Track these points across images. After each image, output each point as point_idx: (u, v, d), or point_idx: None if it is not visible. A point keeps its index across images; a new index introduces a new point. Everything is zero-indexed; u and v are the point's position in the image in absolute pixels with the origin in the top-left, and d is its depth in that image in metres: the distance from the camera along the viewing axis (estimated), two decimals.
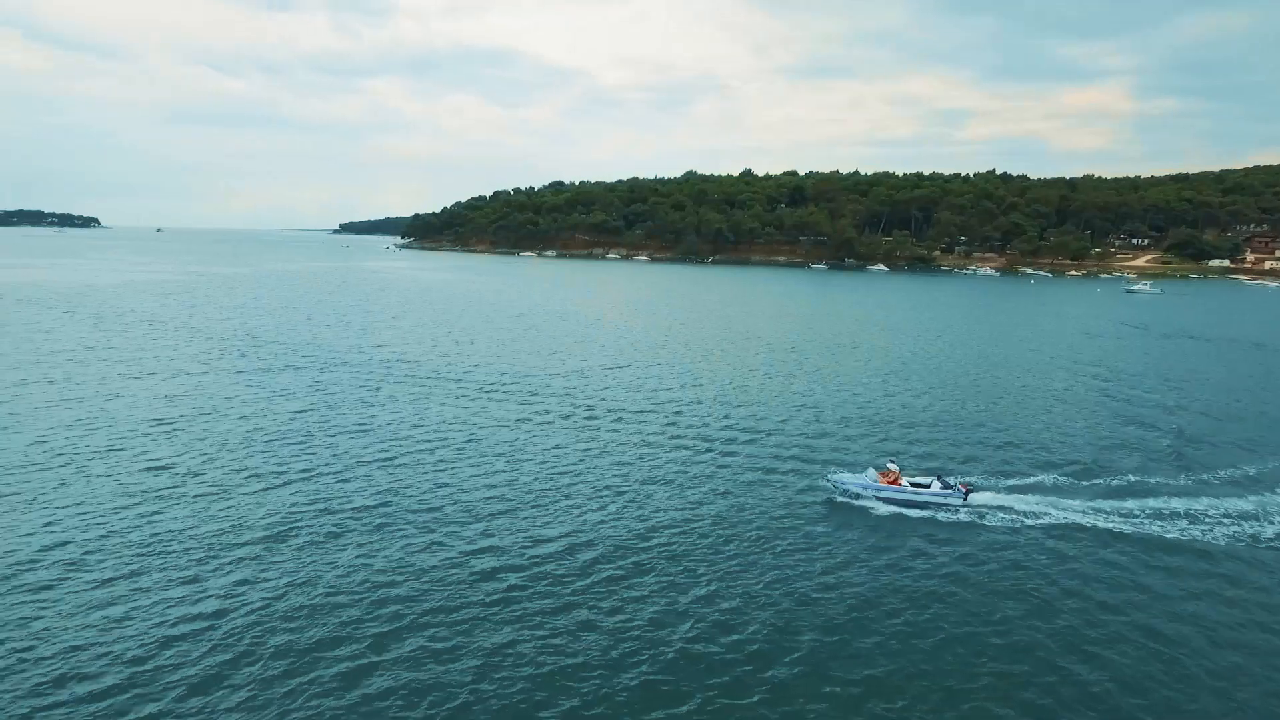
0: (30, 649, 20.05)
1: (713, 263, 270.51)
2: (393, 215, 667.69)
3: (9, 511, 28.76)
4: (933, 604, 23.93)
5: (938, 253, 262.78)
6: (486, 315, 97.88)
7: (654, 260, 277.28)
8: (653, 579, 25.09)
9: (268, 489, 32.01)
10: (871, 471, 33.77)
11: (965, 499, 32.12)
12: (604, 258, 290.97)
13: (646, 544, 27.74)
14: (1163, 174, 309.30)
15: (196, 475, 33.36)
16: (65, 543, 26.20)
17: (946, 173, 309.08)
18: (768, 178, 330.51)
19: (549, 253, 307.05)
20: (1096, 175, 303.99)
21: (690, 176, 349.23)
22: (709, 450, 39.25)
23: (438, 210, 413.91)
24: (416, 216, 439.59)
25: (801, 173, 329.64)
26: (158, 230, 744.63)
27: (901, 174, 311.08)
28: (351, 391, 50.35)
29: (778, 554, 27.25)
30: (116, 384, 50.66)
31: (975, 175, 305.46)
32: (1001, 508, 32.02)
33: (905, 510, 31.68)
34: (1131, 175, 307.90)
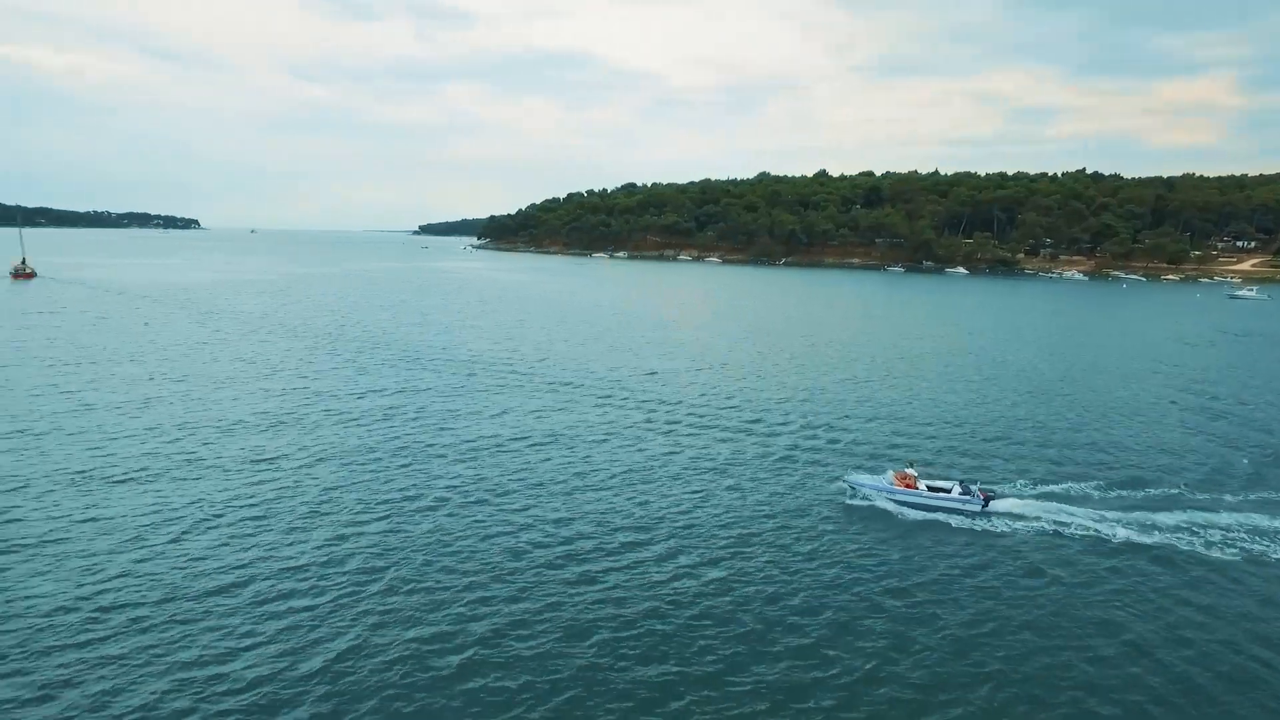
0: (169, 631, 21.77)
1: (785, 265, 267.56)
2: (469, 217, 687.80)
3: (127, 497, 31.08)
4: (1027, 631, 23.44)
5: (1022, 255, 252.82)
6: (563, 316, 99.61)
7: (725, 262, 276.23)
8: (745, 588, 25.24)
9: (370, 482, 33.59)
10: (889, 474, 33.35)
11: (984, 506, 31.42)
12: (675, 259, 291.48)
13: (734, 552, 27.93)
14: (1273, 172, 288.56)
15: (300, 468, 35.27)
16: (184, 533, 28.12)
17: (1032, 172, 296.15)
18: (842, 178, 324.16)
19: (620, 254, 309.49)
20: (1197, 174, 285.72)
21: (763, 177, 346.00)
22: (796, 457, 39.15)
23: (512, 212, 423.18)
24: (492, 218, 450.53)
25: (878, 173, 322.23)
26: (251, 231, 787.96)
27: (984, 174, 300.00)
28: (439, 389, 52.13)
29: (871, 569, 27.12)
30: (223, 376, 53.91)
31: (1063, 174, 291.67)
32: (1020, 515, 31.32)
33: (931, 515, 31.23)
34: (1238, 174, 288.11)
